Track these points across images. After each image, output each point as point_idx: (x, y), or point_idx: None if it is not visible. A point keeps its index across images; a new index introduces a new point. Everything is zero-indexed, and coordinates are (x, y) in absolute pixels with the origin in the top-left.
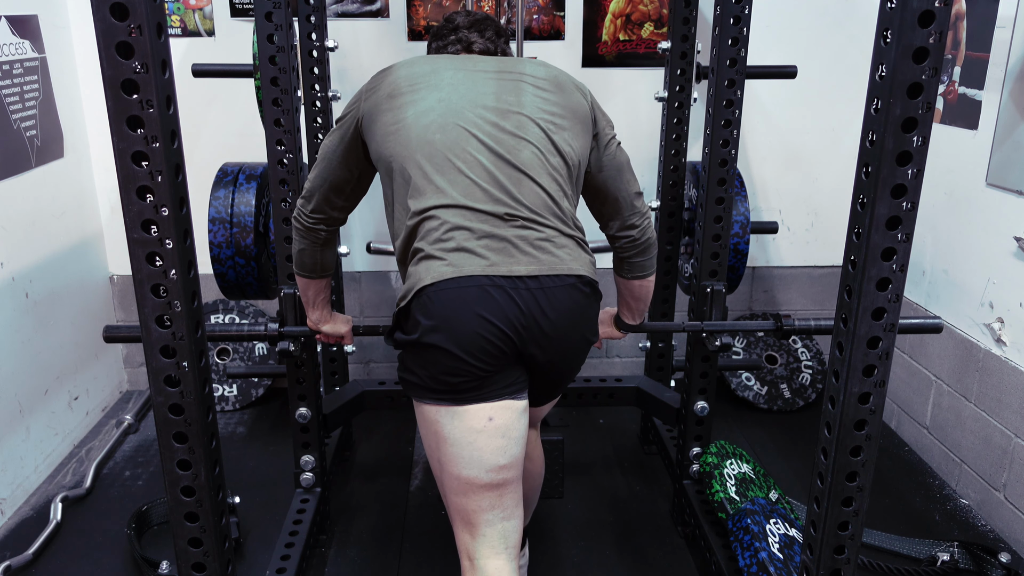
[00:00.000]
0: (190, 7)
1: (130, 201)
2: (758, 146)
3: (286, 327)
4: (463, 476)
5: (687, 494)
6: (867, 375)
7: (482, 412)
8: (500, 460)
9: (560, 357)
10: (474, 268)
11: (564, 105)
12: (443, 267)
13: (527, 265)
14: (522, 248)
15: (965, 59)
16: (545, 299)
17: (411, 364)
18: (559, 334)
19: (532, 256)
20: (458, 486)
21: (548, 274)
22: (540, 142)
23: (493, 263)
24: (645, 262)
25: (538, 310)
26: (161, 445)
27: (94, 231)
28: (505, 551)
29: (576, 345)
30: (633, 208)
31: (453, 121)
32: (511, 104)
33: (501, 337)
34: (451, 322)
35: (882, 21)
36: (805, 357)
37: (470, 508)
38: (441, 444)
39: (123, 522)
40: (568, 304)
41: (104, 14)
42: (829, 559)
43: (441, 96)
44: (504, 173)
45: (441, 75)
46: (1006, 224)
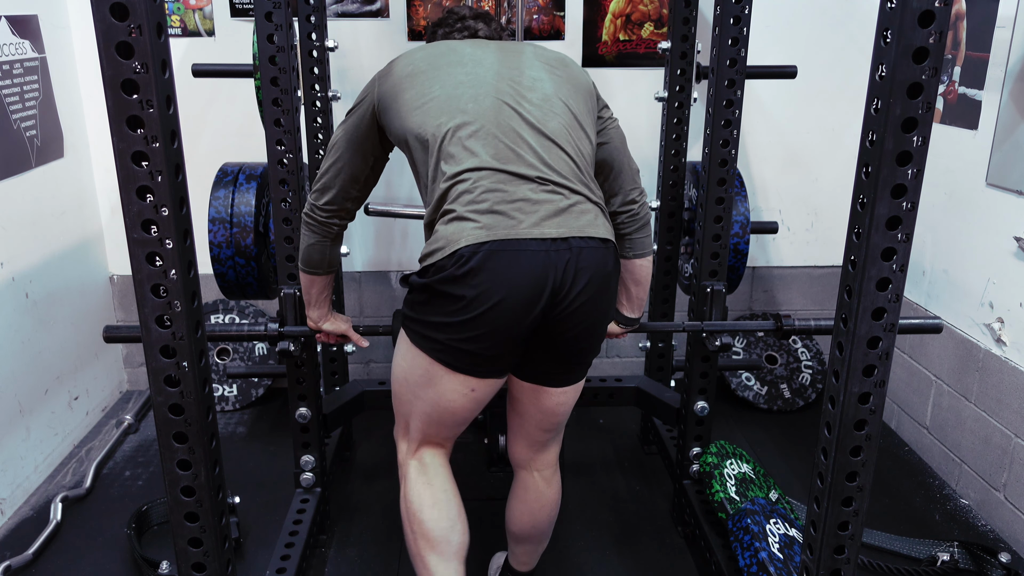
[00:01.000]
0: (190, 7)
1: (130, 201)
2: (758, 146)
3: (286, 327)
4: (432, 416)
5: (687, 494)
6: (867, 375)
7: (468, 383)
8: (467, 416)
9: (586, 318)
10: (507, 231)
11: (574, 82)
12: (476, 229)
13: (557, 228)
14: (552, 211)
15: (965, 59)
16: (574, 259)
17: (425, 318)
18: (587, 294)
19: (561, 219)
20: (429, 420)
21: (577, 235)
22: (564, 115)
23: (525, 225)
24: (645, 240)
25: (569, 269)
26: (161, 445)
27: (94, 231)
28: (445, 451)
29: (601, 308)
30: (634, 182)
31: (484, 92)
32: (534, 79)
33: (528, 307)
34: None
35: (882, 21)
36: (805, 357)
37: (430, 432)
38: (425, 387)
39: (123, 522)
40: (596, 262)
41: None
42: (829, 559)
43: (467, 71)
44: (536, 141)
45: (461, 52)
46: (1006, 224)
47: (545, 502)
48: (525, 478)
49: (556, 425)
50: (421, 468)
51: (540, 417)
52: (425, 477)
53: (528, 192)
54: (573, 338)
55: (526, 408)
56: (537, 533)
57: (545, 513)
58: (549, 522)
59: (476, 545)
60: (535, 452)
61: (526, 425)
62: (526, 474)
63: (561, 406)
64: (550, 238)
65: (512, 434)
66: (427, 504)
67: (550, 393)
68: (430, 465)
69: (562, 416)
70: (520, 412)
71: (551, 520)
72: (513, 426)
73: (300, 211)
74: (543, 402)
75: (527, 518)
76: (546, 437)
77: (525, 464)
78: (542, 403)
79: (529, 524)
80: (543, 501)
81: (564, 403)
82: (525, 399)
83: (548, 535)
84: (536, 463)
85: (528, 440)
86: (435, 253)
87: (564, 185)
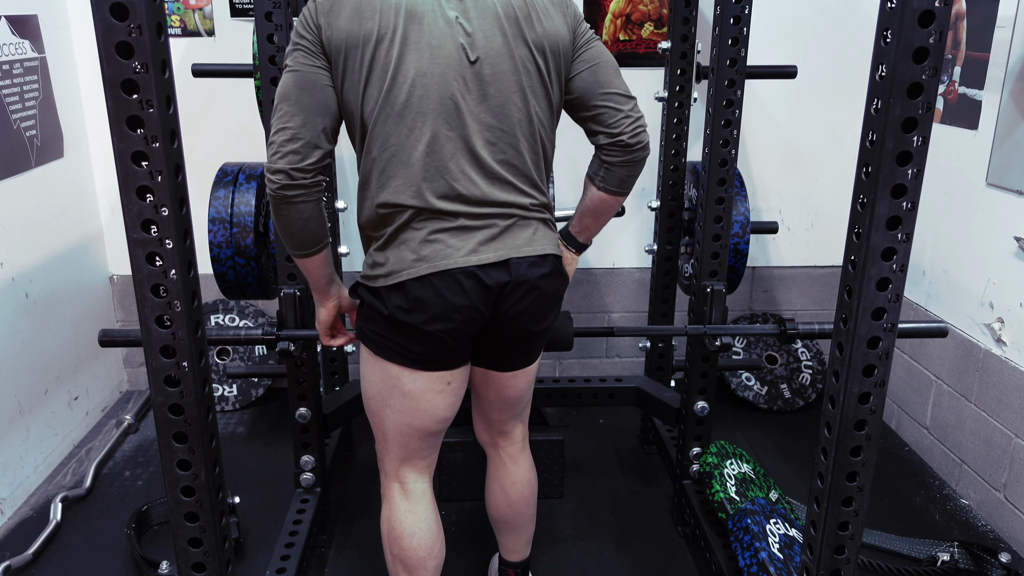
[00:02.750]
0: (190, 7)
1: (130, 201)
2: (758, 146)
3: (284, 330)
4: (415, 424)
5: (687, 494)
6: (867, 375)
7: (443, 377)
8: (448, 414)
9: (529, 320)
10: (447, 262)
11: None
12: (416, 262)
13: (495, 252)
14: (489, 236)
15: (965, 59)
16: (513, 277)
17: (381, 329)
18: (526, 301)
19: (499, 243)
20: (407, 431)
21: (515, 256)
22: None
23: (463, 253)
24: (625, 179)
25: (508, 287)
26: (161, 445)
27: (94, 231)
28: (428, 471)
29: (543, 310)
30: (619, 113)
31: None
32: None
33: (471, 318)
34: (427, 307)
35: (882, 21)
36: (805, 357)
37: (412, 447)
38: (398, 397)
39: (123, 522)
40: (534, 275)
41: (104, 14)
42: (829, 559)
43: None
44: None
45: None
46: (1006, 224)
47: (515, 479)
48: (493, 457)
49: (512, 407)
50: (404, 494)
51: (495, 399)
52: (408, 504)
53: (465, 221)
54: (519, 333)
55: (482, 391)
56: (515, 515)
57: (518, 491)
58: (526, 503)
59: (476, 545)
60: (497, 432)
61: (484, 407)
62: (493, 453)
63: (512, 389)
64: (489, 264)
65: (474, 416)
66: (407, 532)
67: (501, 377)
68: (413, 492)
69: (516, 399)
70: (478, 395)
71: (528, 501)
72: (474, 408)
73: None
74: (494, 385)
75: (501, 497)
76: (505, 417)
77: (491, 442)
78: (494, 386)
79: (505, 504)
80: (513, 478)
81: (515, 387)
82: (479, 383)
83: (530, 520)
84: (500, 442)
85: (487, 421)
86: (378, 278)
87: (503, 212)
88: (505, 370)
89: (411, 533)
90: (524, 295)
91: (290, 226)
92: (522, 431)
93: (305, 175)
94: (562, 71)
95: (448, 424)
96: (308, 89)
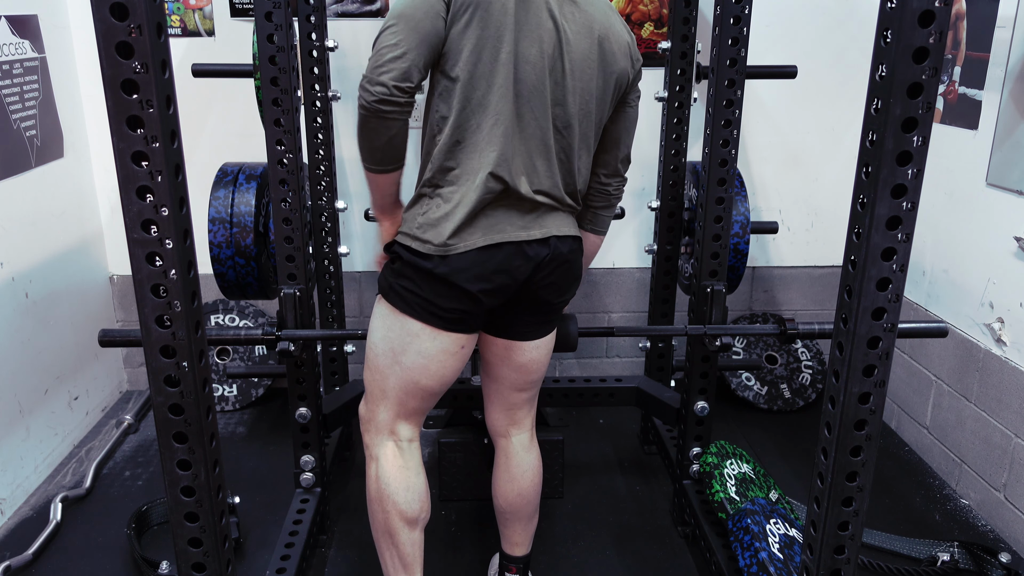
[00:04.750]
0: (190, 7)
1: (130, 201)
2: (758, 146)
3: (284, 330)
4: (422, 383)
5: (687, 494)
6: (867, 375)
7: (459, 340)
8: (453, 377)
9: (555, 290)
10: (502, 236)
11: (607, 73)
12: (473, 235)
13: (540, 230)
14: (538, 220)
15: (965, 59)
16: (550, 252)
17: (414, 287)
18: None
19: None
20: (412, 388)
21: (555, 234)
22: (586, 121)
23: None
24: (606, 219)
25: (545, 260)
26: (161, 445)
27: (94, 231)
28: (418, 431)
29: (569, 279)
30: (617, 168)
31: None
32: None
33: (506, 284)
34: (478, 271)
35: (882, 21)
36: (805, 357)
37: (410, 404)
38: (412, 355)
39: (123, 522)
40: (566, 251)
41: (104, 14)
42: (829, 559)
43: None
44: (548, 156)
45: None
46: (1006, 224)
47: (526, 468)
48: (505, 446)
49: (529, 384)
50: (398, 450)
51: (514, 376)
52: (401, 460)
53: (521, 208)
54: (543, 303)
55: (499, 370)
56: (524, 503)
57: (528, 480)
58: (534, 492)
59: (476, 545)
60: (511, 417)
61: (501, 388)
62: (505, 442)
63: (533, 363)
64: (535, 239)
65: (488, 402)
66: (402, 488)
67: (523, 348)
68: (406, 449)
69: (534, 374)
70: (495, 376)
71: (535, 490)
72: (489, 392)
73: (300, 211)
74: (516, 357)
75: (511, 487)
76: (520, 399)
77: (503, 431)
78: (515, 359)
79: (515, 493)
80: (524, 467)
81: (535, 359)
82: (497, 360)
83: (536, 510)
84: (513, 429)
85: (504, 404)
86: (427, 243)
87: (556, 203)
88: (526, 339)
89: (407, 487)
90: (556, 268)
91: (375, 140)
92: (532, 420)
93: (404, 94)
94: (614, 100)
95: (449, 384)
96: (430, 16)
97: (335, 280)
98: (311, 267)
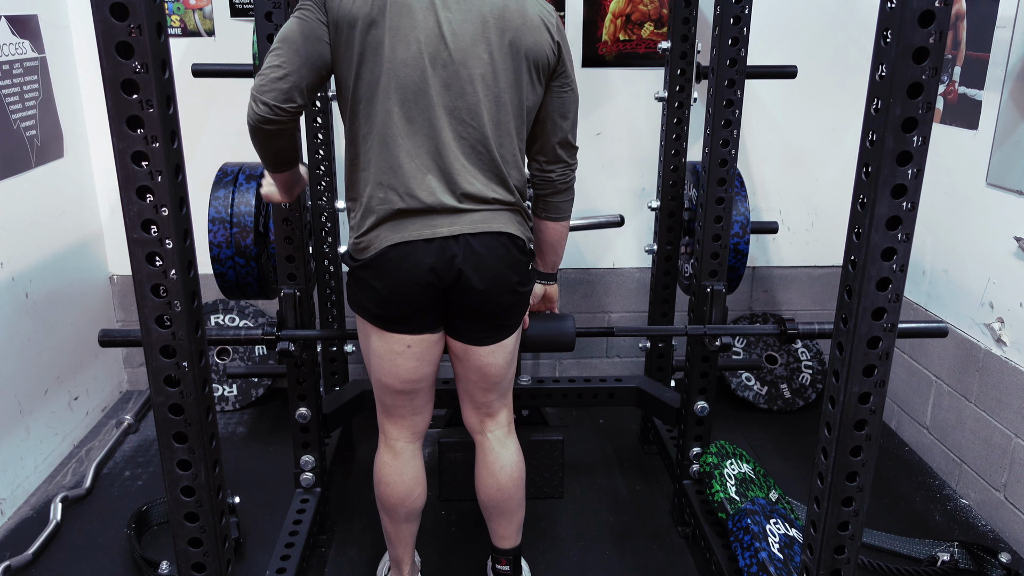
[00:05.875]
0: (190, 7)
1: (130, 201)
2: (758, 146)
3: (284, 330)
4: (383, 381)
5: (687, 494)
6: (867, 375)
7: (403, 340)
8: (412, 376)
9: (484, 294)
10: (407, 234)
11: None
12: (379, 237)
13: (449, 227)
14: (449, 219)
15: (965, 59)
16: (462, 249)
17: (356, 291)
18: (479, 271)
19: (452, 223)
20: (381, 386)
21: (468, 232)
22: (501, 112)
23: (419, 227)
24: (561, 204)
25: (462, 252)
26: (161, 445)
27: (94, 231)
28: (412, 435)
29: (499, 282)
30: (557, 156)
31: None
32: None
33: (427, 284)
34: (389, 273)
35: (882, 21)
36: (805, 357)
37: (388, 402)
38: (371, 353)
39: (123, 522)
40: (488, 246)
41: (104, 14)
42: (829, 559)
43: (404, 57)
44: (456, 152)
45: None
46: (1006, 224)
47: (504, 463)
48: (481, 442)
49: (493, 386)
50: (386, 446)
51: (476, 377)
52: (388, 455)
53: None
54: (480, 305)
55: (463, 370)
56: (505, 498)
57: (507, 474)
58: (515, 486)
59: (475, 545)
60: (483, 415)
61: (468, 387)
62: (481, 438)
63: (491, 367)
64: (440, 237)
65: (460, 400)
66: (383, 480)
67: (478, 352)
68: (393, 447)
69: (495, 377)
70: (459, 375)
71: (516, 484)
72: (459, 390)
73: (300, 211)
74: (473, 360)
75: (491, 482)
76: (488, 398)
77: (478, 428)
78: (473, 362)
79: (494, 488)
80: (502, 462)
81: (493, 364)
82: (457, 361)
83: (520, 504)
84: (488, 424)
85: (473, 403)
86: (354, 248)
87: (468, 195)
88: (479, 344)
89: (387, 481)
90: (475, 267)
91: (265, 149)
92: (507, 415)
93: (286, 114)
94: (538, 80)
95: (418, 388)
96: (312, 40)
97: (335, 280)
98: (311, 267)
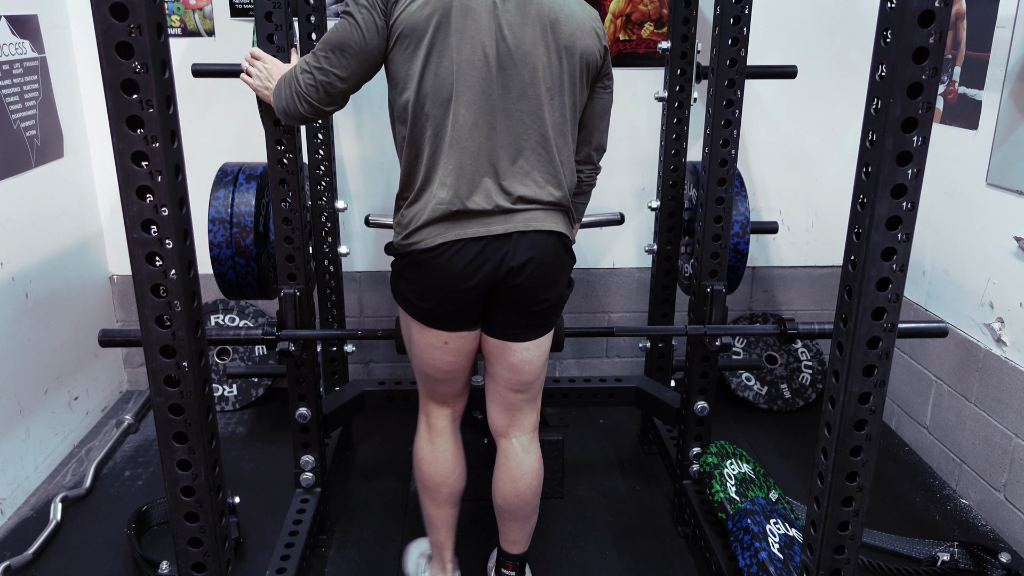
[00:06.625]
0: (190, 7)
1: (130, 201)
2: (758, 146)
3: (284, 330)
4: (421, 367)
5: (687, 494)
6: (867, 375)
7: (441, 336)
8: (448, 368)
9: (530, 291)
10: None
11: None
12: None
13: (502, 226)
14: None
15: (965, 59)
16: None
17: (400, 284)
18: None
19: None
20: (422, 372)
21: (521, 229)
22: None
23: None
24: (579, 207)
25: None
26: (161, 445)
27: (94, 231)
28: (450, 415)
29: (546, 280)
30: (589, 156)
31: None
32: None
33: (475, 282)
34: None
35: (882, 21)
36: (805, 357)
37: (429, 386)
38: (414, 344)
39: (123, 522)
40: (539, 244)
41: (104, 14)
42: (829, 559)
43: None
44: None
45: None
46: (1006, 224)
47: (526, 469)
48: (505, 446)
49: (525, 385)
50: (427, 426)
51: (508, 376)
52: (428, 435)
53: (489, 219)
54: (523, 301)
55: (496, 369)
56: (522, 504)
57: (527, 481)
58: (533, 493)
59: (476, 544)
60: (511, 417)
61: (498, 387)
62: (505, 442)
63: (525, 363)
64: (493, 235)
65: (489, 401)
66: (425, 459)
67: (514, 349)
68: (434, 426)
69: (529, 375)
70: (491, 374)
71: (534, 491)
72: (489, 391)
73: (300, 211)
74: (508, 358)
75: (510, 487)
76: (518, 399)
77: (504, 431)
78: (508, 359)
79: (512, 493)
80: (524, 468)
81: (528, 360)
82: (494, 358)
83: (534, 510)
84: (513, 429)
85: (502, 403)
86: (401, 243)
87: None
88: (517, 340)
89: (429, 460)
90: (525, 264)
91: (286, 118)
92: (534, 421)
93: (325, 114)
94: (587, 83)
95: (456, 377)
96: (368, 50)
97: (335, 280)
98: (311, 267)
